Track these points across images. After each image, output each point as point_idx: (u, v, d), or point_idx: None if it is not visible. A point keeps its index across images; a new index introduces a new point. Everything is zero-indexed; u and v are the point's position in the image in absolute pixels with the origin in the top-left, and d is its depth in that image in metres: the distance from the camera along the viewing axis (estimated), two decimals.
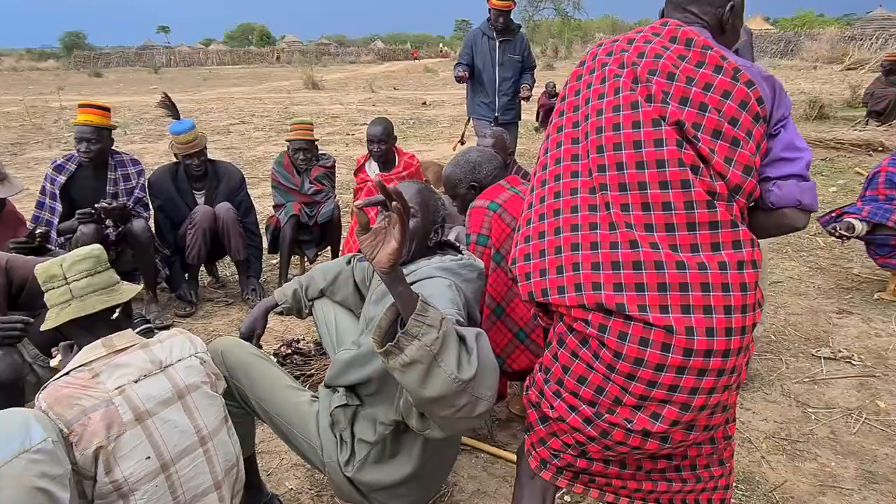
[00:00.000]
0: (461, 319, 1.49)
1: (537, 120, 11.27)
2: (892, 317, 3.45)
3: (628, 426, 1.41)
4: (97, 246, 1.64)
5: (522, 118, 5.52)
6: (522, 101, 5.20)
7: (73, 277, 1.55)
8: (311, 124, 4.02)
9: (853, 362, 2.96)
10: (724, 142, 1.37)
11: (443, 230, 1.84)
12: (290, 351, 2.98)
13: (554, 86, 11.43)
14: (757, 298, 1.40)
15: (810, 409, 2.63)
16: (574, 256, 1.45)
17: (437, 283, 1.62)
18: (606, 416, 1.43)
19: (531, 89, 5.09)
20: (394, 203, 1.18)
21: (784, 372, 2.92)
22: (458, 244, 1.91)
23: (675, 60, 1.42)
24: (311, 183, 3.95)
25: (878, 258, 3.61)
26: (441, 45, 68.76)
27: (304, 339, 3.16)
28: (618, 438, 1.43)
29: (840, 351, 3.06)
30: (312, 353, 2.98)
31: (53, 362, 1.66)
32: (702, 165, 1.38)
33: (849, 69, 19.23)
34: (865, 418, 2.55)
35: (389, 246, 1.20)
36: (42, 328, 1.55)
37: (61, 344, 1.64)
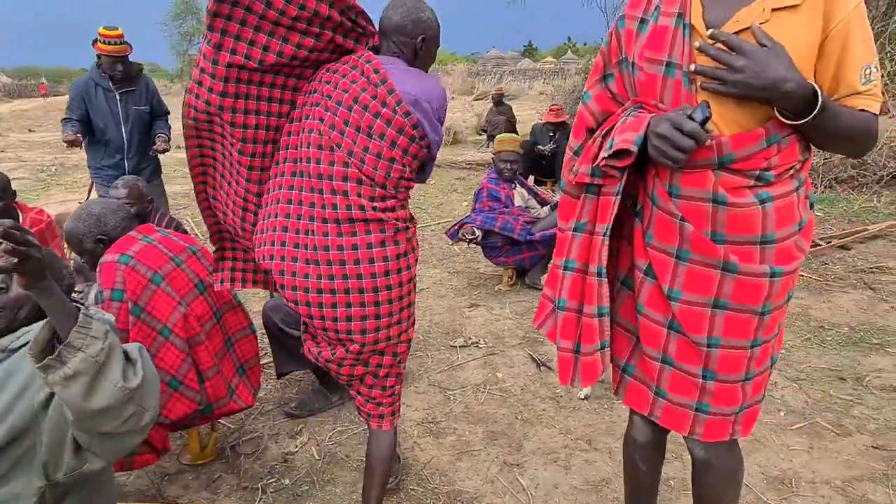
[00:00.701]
0: None
1: None
2: (507, 303, 4.28)
3: None
4: None
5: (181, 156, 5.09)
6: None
7: None
8: None
9: (479, 346, 3.60)
10: None
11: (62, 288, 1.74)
12: None
13: None
14: None
15: (450, 392, 3.12)
16: None
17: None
18: None
19: (168, 140, 4.31)
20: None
21: (430, 365, 3.41)
22: (79, 300, 1.82)
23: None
24: None
25: (491, 258, 4.45)
26: (42, 79, 61.10)
27: None
28: None
29: (470, 338, 3.70)
30: None
31: None
32: None
33: (476, 100, 22.81)
34: (489, 390, 3.14)
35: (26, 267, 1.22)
36: None
37: None
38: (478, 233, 4.31)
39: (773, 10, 1.24)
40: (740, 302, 1.36)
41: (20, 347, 1.56)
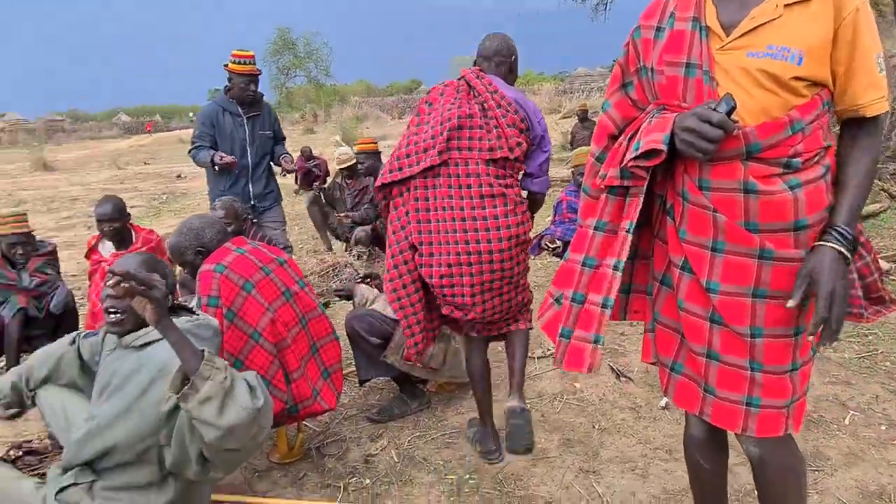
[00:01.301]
0: None
1: (296, 182, 11.48)
2: None
3: None
4: None
5: (283, 182, 5.28)
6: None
7: None
8: (24, 214, 3.75)
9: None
10: None
11: (170, 298, 1.96)
12: (20, 453, 2.73)
13: (310, 150, 11.76)
14: None
15: (527, 401, 3.13)
16: None
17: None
18: None
19: (292, 162, 4.56)
20: (122, 284, 1.52)
21: (507, 374, 3.43)
22: (190, 306, 2.03)
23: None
24: (31, 275, 3.66)
25: None
26: (191, 114, 66.01)
27: (36, 439, 2.91)
28: None
29: (549, 349, 3.69)
30: (50, 448, 2.77)
31: None
32: None
33: (563, 118, 22.70)
34: (566, 399, 3.13)
35: (149, 307, 1.56)
36: None
37: None
38: (558, 242, 4.32)
39: (786, 5, 1.29)
40: (780, 289, 1.35)
41: (142, 346, 1.77)
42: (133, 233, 3.82)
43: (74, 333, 2.21)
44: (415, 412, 3.10)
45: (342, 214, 6.04)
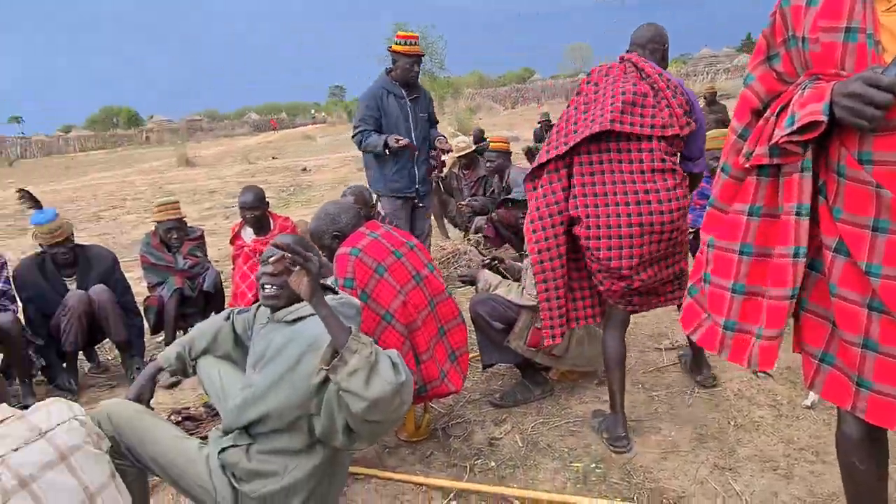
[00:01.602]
0: None
1: None
2: None
3: None
4: None
5: None
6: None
7: None
8: (177, 202, 4.13)
9: (688, 349, 3.43)
10: None
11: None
12: (179, 419, 3.03)
13: None
14: None
15: (654, 393, 3.04)
16: None
17: None
18: None
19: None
20: (287, 255, 1.62)
21: (633, 365, 3.34)
22: (333, 286, 2.15)
23: None
24: (185, 258, 4.03)
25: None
26: (313, 110, 69.33)
27: (193, 406, 3.21)
28: None
29: (677, 341, 3.55)
30: (203, 416, 3.05)
31: None
32: None
33: None
34: (697, 393, 3.00)
35: (305, 281, 1.64)
36: None
37: None
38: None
39: None
40: None
41: (293, 321, 1.90)
42: (271, 220, 4.09)
43: (229, 310, 2.40)
44: (537, 399, 3.09)
45: (463, 203, 6.10)
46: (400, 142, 4.00)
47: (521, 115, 34.42)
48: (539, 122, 9.86)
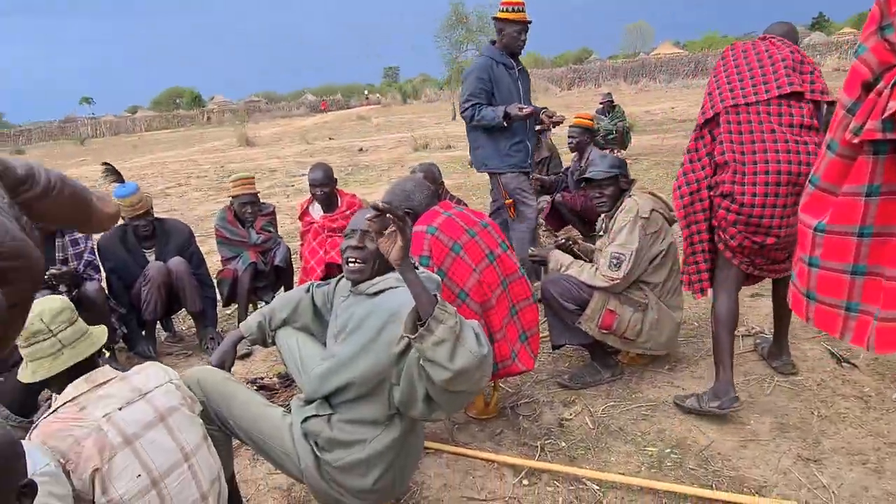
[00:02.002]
0: None
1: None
2: None
3: None
4: (62, 298, 1.80)
5: (457, 154, 5.36)
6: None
7: (58, 329, 1.70)
8: (253, 177, 4.22)
9: (765, 336, 3.32)
10: None
11: None
12: (255, 388, 3.12)
13: None
14: None
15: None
16: None
17: (406, 293, 1.83)
18: None
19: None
20: (389, 216, 1.60)
21: (707, 352, 3.25)
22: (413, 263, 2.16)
23: None
24: (258, 233, 4.13)
25: None
26: (366, 91, 69.77)
27: (266, 376, 3.30)
28: None
29: (753, 328, 3.43)
30: (277, 386, 3.13)
31: None
32: None
33: None
34: (777, 381, 2.89)
35: (398, 244, 1.61)
36: (34, 379, 1.66)
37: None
38: None
39: None
40: None
41: (375, 293, 1.92)
42: (339, 197, 4.14)
43: (309, 283, 2.43)
44: (606, 382, 3.05)
45: (535, 176, 5.98)
46: (524, 110, 3.77)
47: (577, 96, 33.81)
48: (601, 103, 9.60)
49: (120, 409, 1.64)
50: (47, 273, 3.37)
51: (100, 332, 1.80)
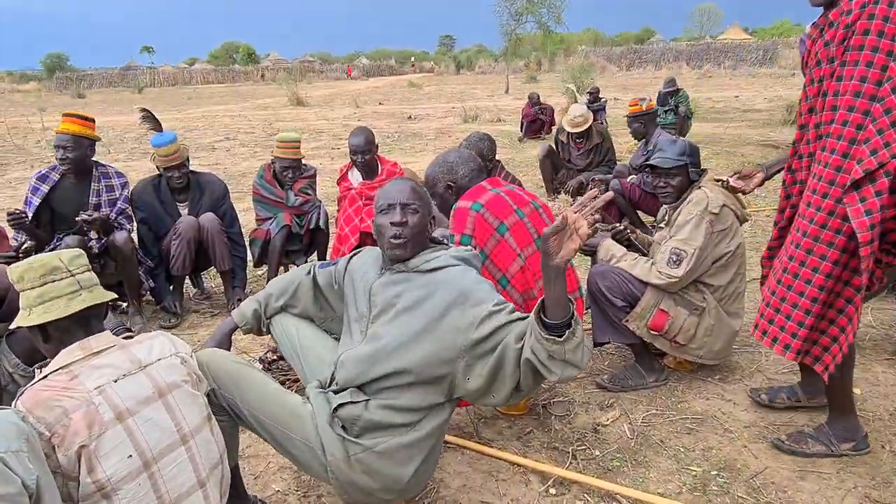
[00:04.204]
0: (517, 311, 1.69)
1: (521, 130, 11.37)
2: (869, 310, 3.52)
3: None
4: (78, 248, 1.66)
5: (507, 129, 5.27)
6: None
7: (76, 270, 1.56)
8: (299, 141, 4.04)
9: None
10: None
11: (435, 221, 1.92)
12: (275, 357, 2.99)
13: (538, 96, 11.53)
14: None
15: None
16: None
17: (466, 271, 1.76)
18: None
19: None
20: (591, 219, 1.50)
21: (763, 364, 2.97)
22: (442, 240, 1.95)
23: None
24: (296, 195, 3.98)
25: None
26: (412, 58, 69.16)
27: (270, 349, 3.16)
28: None
29: None
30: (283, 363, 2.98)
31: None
32: None
33: None
34: None
35: (571, 246, 1.50)
36: (43, 320, 1.50)
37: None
38: None
39: None
40: None
41: (430, 271, 1.74)
42: (379, 164, 3.94)
43: (310, 265, 2.22)
44: (650, 387, 2.81)
45: (596, 178, 5.68)
46: None
47: (636, 78, 32.73)
48: (665, 90, 9.04)
49: (115, 381, 1.49)
50: (78, 217, 3.28)
51: (105, 291, 1.65)
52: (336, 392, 1.80)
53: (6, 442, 1.21)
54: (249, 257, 4.08)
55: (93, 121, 3.51)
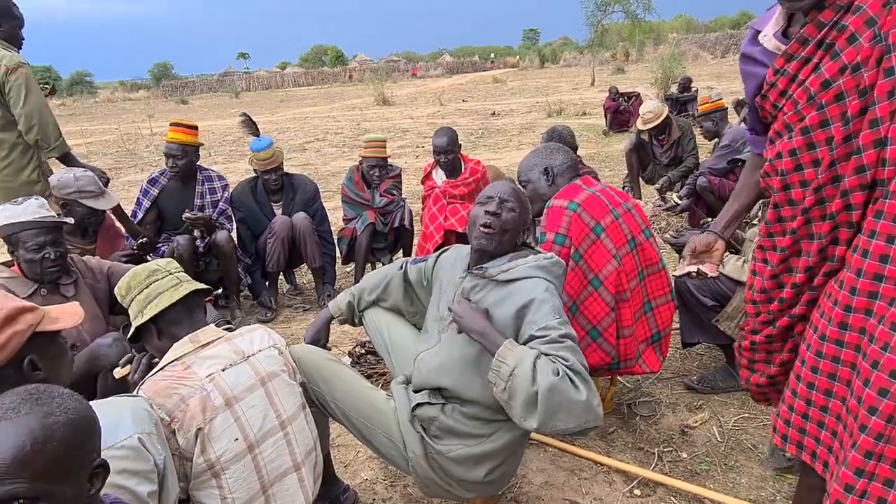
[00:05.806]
0: (570, 332, 1.61)
1: (606, 124, 11.15)
2: None
3: None
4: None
5: (592, 122, 5.23)
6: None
7: (174, 270, 1.74)
8: (385, 141, 4.17)
9: None
10: None
11: (530, 231, 1.92)
12: (363, 351, 3.11)
13: (617, 89, 11.26)
14: None
15: None
16: None
17: (538, 285, 1.69)
18: None
19: None
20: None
21: None
22: (532, 244, 1.96)
23: None
24: (382, 195, 4.11)
25: None
26: (492, 54, 68.76)
27: (358, 343, 3.28)
28: None
29: None
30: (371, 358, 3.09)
31: (118, 372, 1.79)
32: None
33: None
34: None
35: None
36: (154, 312, 1.65)
37: (134, 356, 1.78)
38: None
39: None
40: None
41: (507, 282, 1.73)
42: (462, 163, 4.00)
43: (402, 260, 2.29)
44: (741, 389, 2.71)
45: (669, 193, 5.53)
46: None
47: (731, 65, 31.12)
48: (677, 83, 8.50)
49: (223, 370, 1.62)
50: (183, 216, 3.54)
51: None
52: (416, 391, 1.87)
53: (141, 424, 1.37)
54: (338, 254, 4.25)
55: (196, 128, 3.77)
